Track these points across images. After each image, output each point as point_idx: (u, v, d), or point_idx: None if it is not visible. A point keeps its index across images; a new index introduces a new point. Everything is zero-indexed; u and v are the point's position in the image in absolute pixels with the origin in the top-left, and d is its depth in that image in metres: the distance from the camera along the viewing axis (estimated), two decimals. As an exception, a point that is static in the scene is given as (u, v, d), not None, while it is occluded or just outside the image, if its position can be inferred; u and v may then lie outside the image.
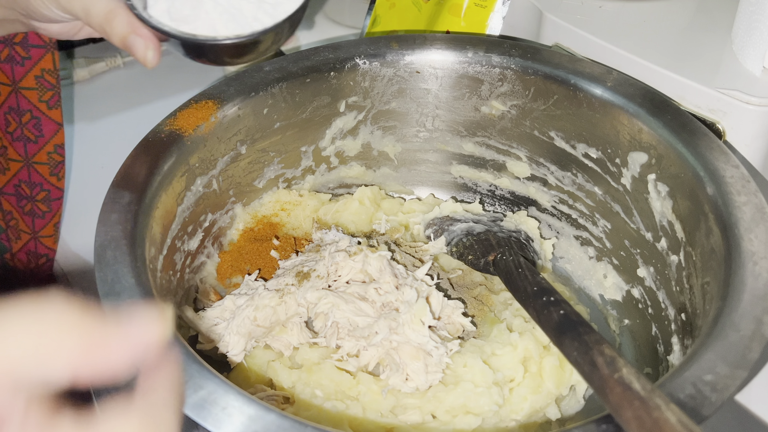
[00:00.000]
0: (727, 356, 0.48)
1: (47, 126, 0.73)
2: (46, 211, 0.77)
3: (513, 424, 0.62)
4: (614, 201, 0.72)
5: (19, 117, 0.72)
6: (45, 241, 0.79)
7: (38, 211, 0.77)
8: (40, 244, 0.79)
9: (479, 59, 0.75)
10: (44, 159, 0.75)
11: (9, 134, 0.73)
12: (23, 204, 0.77)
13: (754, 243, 0.54)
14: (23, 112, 0.72)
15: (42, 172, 0.75)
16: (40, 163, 0.75)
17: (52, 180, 0.76)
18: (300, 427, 0.44)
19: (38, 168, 0.75)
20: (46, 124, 0.73)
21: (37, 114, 0.72)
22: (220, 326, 0.66)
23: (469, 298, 0.73)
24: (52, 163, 0.75)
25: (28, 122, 0.72)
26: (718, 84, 0.71)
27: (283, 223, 0.78)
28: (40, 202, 0.77)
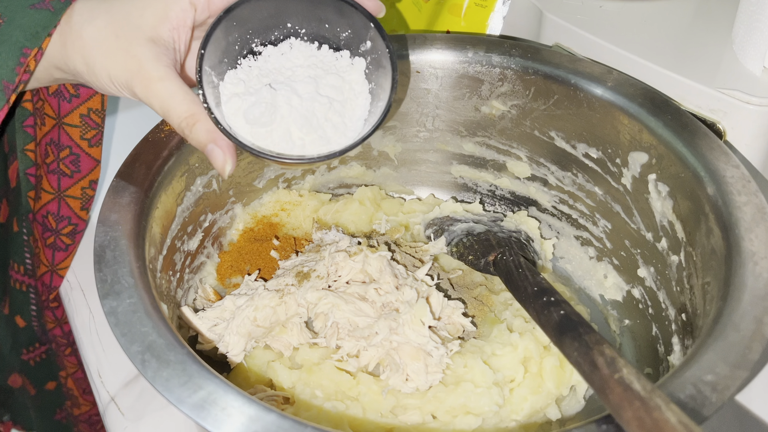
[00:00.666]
0: (728, 356, 0.48)
1: (86, 163, 0.71)
2: (69, 245, 0.77)
3: (513, 425, 0.62)
4: (614, 201, 0.72)
5: (57, 151, 0.71)
6: (61, 272, 0.79)
7: (61, 244, 0.76)
8: (56, 276, 0.79)
9: (479, 59, 0.75)
10: (77, 194, 0.73)
11: (46, 165, 0.72)
12: (47, 236, 0.76)
13: (755, 243, 0.54)
14: (63, 147, 0.70)
15: (73, 206, 0.74)
16: (72, 197, 0.73)
17: (82, 214, 0.75)
18: (300, 427, 0.44)
19: (69, 201, 0.74)
20: (84, 161, 0.71)
21: (76, 151, 0.70)
22: (220, 326, 0.66)
23: (469, 299, 0.73)
24: (84, 197, 0.74)
25: (66, 157, 0.71)
26: (719, 84, 0.71)
27: (283, 223, 0.78)
28: (65, 236, 0.76)
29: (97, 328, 0.75)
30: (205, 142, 0.55)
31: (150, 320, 0.50)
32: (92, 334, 0.75)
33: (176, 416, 0.66)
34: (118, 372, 0.71)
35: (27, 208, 0.77)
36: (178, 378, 0.47)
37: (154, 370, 0.47)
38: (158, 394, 0.47)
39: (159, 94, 0.54)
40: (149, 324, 0.50)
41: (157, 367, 0.47)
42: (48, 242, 0.76)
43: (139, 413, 0.67)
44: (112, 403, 0.69)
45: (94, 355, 0.73)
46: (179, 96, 0.54)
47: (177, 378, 0.47)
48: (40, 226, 0.76)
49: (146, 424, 0.66)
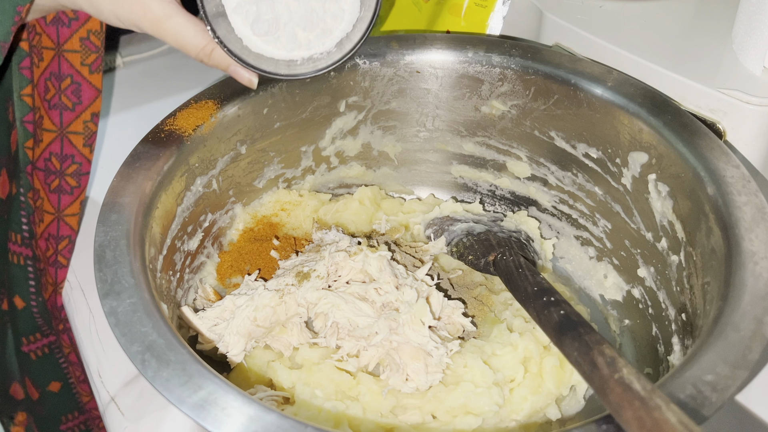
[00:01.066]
0: (728, 356, 0.48)
1: (87, 92, 0.70)
2: (74, 187, 0.75)
3: (513, 425, 0.62)
4: (614, 201, 0.72)
5: (58, 83, 0.70)
6: (69, 221, 0.76)
7: (66, 186, 0.74)
8: (63, 224, 0.76)
9: (479, 59, 0.75)
10: (80, 128, 0.72)
11: (47, 102, 0.71)
12: (51, 180, 0.74)
13: (755, 243, 0.54)
14: (63, 77, 0.70)
15: (75, 143, 0.73)
16: (74, 133, 0.72)
17: (85, 152, 0.74)
18: (300, 427, 0.44)
19: (72, 138, 0.72)
20: (86, 90, 0.70)
21: (78, 79, 0.70)
22: (220, 326, 0.66)
23: (469, 299, 0.73)
24: (87, 132, 0.73)
25: (68, 88, 0.70)
26: (719, 84, 0.71)
27: (283, 223, 0.78)
28: (70, 176, 0.74)
29: (97, 328, 0.75)
30: (226, 65, 0.61)
31: (150, 320, 0.50)
32: (92, 334, 0.75)
33: (176, 416, 0.66)
34: (118, 372, 0.71)
35: (25, 160, 0.75)
36: (178, 378, 0.47)
37: (154, 370, 0.47)
38: (158, 394, 0.47)
39: (170, 32, 0.58)
40: (149, 324, 0.50)
41: (157, 367, 0.47)
42: (53, 187, 0.74)
43: (139, 413, 0.67)
44: (112, 403, 0.69)
45: (94, 355, 0.73)
46: (190, 31, 0.58)
47: (177, 378, 0.47)
48: (43, 173, 0.74)
49: (146, 424, 0.66)
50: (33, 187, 0.76)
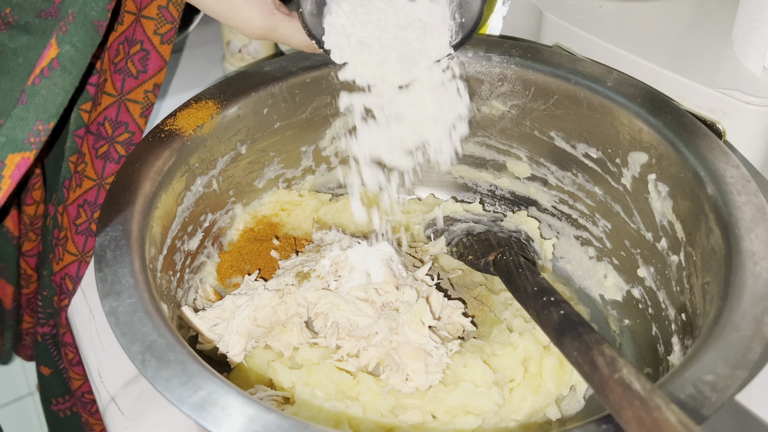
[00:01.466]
0: (728, 356, 0.48)
1: (154, 61, 0.70)
2: (122, 155, 0.73)
3: (513, 424, 0.62)
4: (614, 201, 0.72)
5: (129, 47, 0.70)
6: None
7: (114, 154, 0.73)
8: (104, 191, 0.75)
9: (479, 59, 0.75)
10: (139, 97, 0.71)
11: (113, 64, 0.70)
12: (99, 145, 0.73)
13: (755, 243, 0.54)
14: (134, 43, 0.69)
15: (132, 111, 0.72)
16: (133, 101, 0.71)
17: (140, 122, 0.73)
18: (300, 427, 0.44)
19: (129, 106, 0.71)
20: (153, 60, 0.70)
21: (147, 46, 0.69)
22: (220, 326, 0.66)
23: (469, 298, 0.73)
24: (146, 102, 0.72)
25: (136, 54, 0.69)
26: (719, 84, 0.71)
27: (283, 223, 0.78)
28: (120, 144, 0.73)
29: (97, 328, 0.75)
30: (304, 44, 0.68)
31: (150, 320, 0.50)
32: (92, 334, 0.75)
33: (176, 416, 0.66)
34: (118, 372, 0.71)
35: (78, 123, 0.75)
36: (178, 378, 0.47)
37: (154, 370, 0.47)
38: (158, 394, 0.47)
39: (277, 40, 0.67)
40: (149, 324, 0.50)
41: (157, 367, 0.48)
42: (100, 152, 0.73)
43: (139, 413, 0.67)
44: (112, 403, 0.69)
45: (94, 355, 0.73)
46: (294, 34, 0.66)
47: (177, 378, 0.47)
48: (93, 137, 0.73)
49: (146, 424, 0.66)
50: (80, 150, 0.75)
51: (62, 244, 0.77)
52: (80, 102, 0.74)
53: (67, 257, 0.77)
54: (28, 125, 0.54)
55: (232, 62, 1.03)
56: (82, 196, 0.75)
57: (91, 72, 0.73)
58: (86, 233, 0.76)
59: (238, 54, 1.02)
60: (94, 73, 0.73)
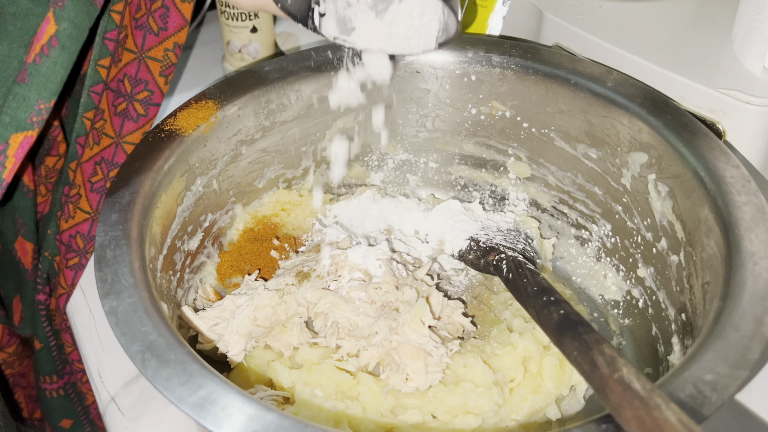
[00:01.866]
0: (728, 356, 0.48)
1: (174, 19, 0.69)
2: (141, 115, 0.72)
3: (513, 424, 0.62)
4: (614, 201, 0.72)
5: (150, 3, 0.69)
6: (128, 148, 0.74)
7: (133, 112, 0.72)
8: (121, 150, 0.73)
9: (479, 59, 0.75)
10: (159, 55, 0.70)
11: (135, 20, 0.69)
12: (118, 102, 0.72)
13: (755, 243, 0.54)
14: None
15: (152, 69, 0.71)
16: (153, 59, 0.70)
17: (160, 81, 0.72)
18: (300, 426, 0.44)
19: (150, 64, 0.70)
20: (173, 17, 0.69)
21: (168, 3, 0.68)
22: (221, 326, 0.66)
23: (469, 299, 0.73)
24: (166, 61, 0.71)
25: (157, 11, 0.68)
26: (719, 84, 0.71)
27: (283, 223, 0.78)
28: (139, 103, 0.72)
29: (97, 328, 0.75)
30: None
31: (150, 320, 0.50)
32: (92, 333, 0.75)
33: (176, 416, 0.66)
34: (118, 372, 0.71)
35: (96, 79, 0.73)
36: (178, 377, 0.47)
37: (155, 370, 0.47)
38: (158, 394, 0.47)
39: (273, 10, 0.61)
40: (149, 323, 0.50)
41: (157, 367, 0.48)
42: (119, 109, 0.72)
43: (139, 413, 0.67)
44: (112, 403, 0.69)
45: (94, 354, 0.74)
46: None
47: (177, 377, 0.47)
48: (113, 93, 0.72)
49: (146, 424, 0.66)
50: (97, 107, 0.74)
51: (74, 201, 0.75)
52: (97, 57, 0.73)
53: (79, 215, 0.75)
54: (30, 105, 0.54)
55: (232, 62, 1.03)
56: (100, 153, 0.74)
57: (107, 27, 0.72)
58: (101, 191, 0.75)
59: (238, 54, 1.02)
60: (113, 28, 0.71)
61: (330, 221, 0.79)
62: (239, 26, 0.99)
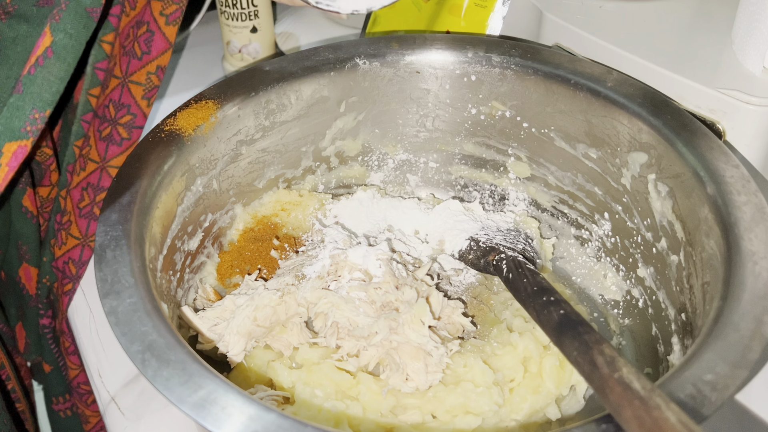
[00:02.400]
0: (728, 356, 0.48)
1: (158, 43, 0.69)
2: (124, 138, 0.73)
3: (513, 424, 0.62)
4: (614, 201, 0.72)
5: (137, 29, 0.69)
6: (112, 172, 0.74)
7: (116, 136, 0.73)
8: (106, 174, 0.74)
9: (479, 59, 0.75)
10: (142, 79, 0.71)
11: (123, 47, 0.70)
12: (103, 128, 0.73)
13: (754, 243, 0.54)
14: (142, 24, 0.69)
15: (134, 93, 0.71)
16: (135, 83, 0.71)
17: (142, 104, 0.72)
18: (300, 426, 0.44)
19: (132, 88, 0.71)
20: (157, 41, 0.69)
21: (153, 27, 0.69)
22: (221, 326, 0.66)
23: (469, 298, 0.73)
24: (148, 84, 0.71)
25: (142, 35, 0.69)
26: (718, 84, 0.71)
27: (283, 223, 0.78)
28: (122, 126, 0.72)
29: (97, 328, 0.75)
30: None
31: (150, 320, 0.50)
32: (92, 333, 0.75)
33: (176, 416, 0.66)
34: (118, 372, 0.71)
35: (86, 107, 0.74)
36: (178, 377, 0.47)
37: (155, 370, 0.47)
38: (158, 394, 0.47)
39: None
40: (149, 323, 0.50)
41: (157, 367, 0.48)
42: (103, 134, 0.73)
43: (139, 413, 0.67)
44: (112, 403, 0.69)
45: (94, 355, 0.74)
46: None
47: (177, 377, 0.47)
48: (98, 120, 0.73)
49: (146, 424, 0.67)
50: (86, 134, 0.75)
51: (65, 228, 0.77)
52: (88, 86, 0.73)
53: (70, 241, 0.76)
54: (24, 114, 0.54)
55: (232, 62, 1.03)
56: (86, 179, 0.75)
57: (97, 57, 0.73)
58: (89, 216, 0.76)
59: (238, 54, 1.02)
60: (104, 58, 0.72)
61: (330, 221, 0.79)
62: (239, 26, 0.99)
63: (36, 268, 0.85)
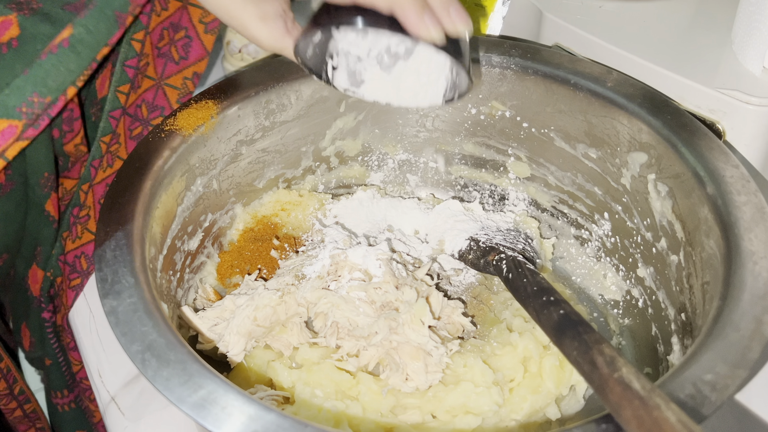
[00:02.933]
0: (727, 356, 0.48)
1: (195, 50, 0.70)
2: None
3: (513, 424, 0.62)
4: (614, 201, 0.72)
5: (174, 33, 0.70)
6: None
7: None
8: None
9: (479, 59, 0.75)
10: (177, 83, 0.72)
11: (157, 49, 0.70)
12: (134, 127, 0.73)
13: (754, 243, 0.54)
14: (180, 29, 0.70)
15: (170, 96, 0.72)
16: (171, 86, 0.72)
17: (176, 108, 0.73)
18: (300, 426, 0.44)
19: (167, 91, 0.72)
20: (195, 48, 0.70)
21: (191, 33, 0.69)
22: (221, 326, 0.66)
23: (469, 298, 0.73)
24: (183, 89, 0.72)
25: (180, 40, 0.70)
26: (718, 84, 0.71)
27: (283, 223, 0.78)
28: None
29: (97, 328, 0.75)
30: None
31: (150, 320, 0.51)
32: (92, 333, 0.75)
33: (176, 416, 0.66)
34: (118, 372, 0.71)
35: (115, 104, 0.74)
36: (178, 377, 0.47)
37: (155, 370, 0.47)
38: (158, 394, 0.47)
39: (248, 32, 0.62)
40: (149, 323, 0.50)
41: (158, 367, 0.48)
42: (134, 134, 0.73)
43: (139, 413, 0.67)
44: (112, 403, 0.69)
45: (94, 354, 0.74)
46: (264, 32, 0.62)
47: (177, 377, 0.47)
48: (130, 118, 0.73)
49: (146, 424, 0.67)
50: (114, 131, 0.75)
51: (82, 222, 0.76)
52: (117, 83, 0.74)
53: (86, 236, 0.76)
54: (23, 94, 0.54)
55: (232, 62, 1.03)
56: (112, 176, 0.75)
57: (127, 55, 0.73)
58: None
59: (238, 54, 1.02)
60: (134, 56, 0.73)
61: (330, 221, 0.79)
62: (239, 26, 0.99)
63: (43, 271, 0.85)
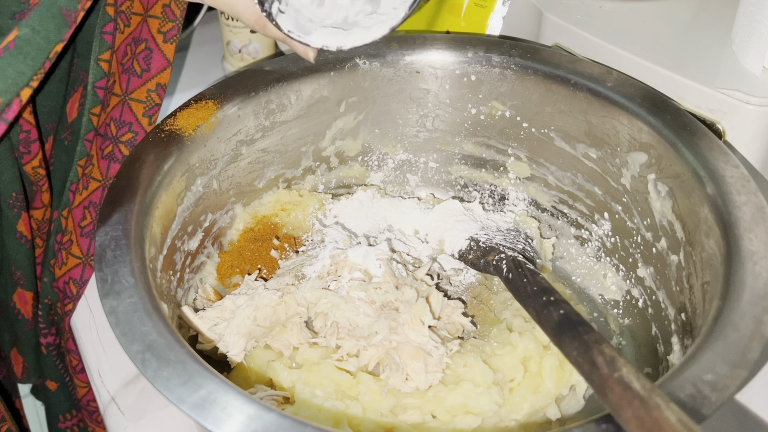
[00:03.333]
0: (727, 356, 0.48)
1: (157, 61, 0.70)
2: (126, 156, 0.72)
3: (513, 424, 0.62)
4: (614, 201, 0.72)
5: (135, 47, 0.70)
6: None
7: (118, 154, 0.73)
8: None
9: (479, 59, 0.75)
10: (142, 96, 0.71)
11: (121, 65, 0.70)
12: (105, 146, 0.73)
13: (754, 243, 0.54)
14: (140, 42, 0.69)
15: (135, 111, 0.71)
16: (136, 101, 0.71)
17: (144, 122, 0.72)
18: (300, 426, 0.44)
19: (132, 105, 0.71)
20: (156, 59, 0.70)
21: (151, 45, 0.69)
22: (221, 326, 0.66)
23: (469, 298, 0.73)
24: (149, 102, 0.71)
25: (141, 53, 0.69)
26: (718, 84, 0.71)
27: (283, 223, 0.78)
28: (123, 144, 0.72)
29: (97, 328, 0.75)
30: (282, 36, 0.61)
31: (150, 320, 0.50)
32: (92, 333, 0.75)
33: (176, 416, 0.66)
34: (118, 372, 0.71)
35: (88, 127, 0.74)
36: (178, 377, 0.47)
37: (155, 370, 0.47)
38: (158, 394, 0.47)
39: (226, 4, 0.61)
40: (149, 323, 0.50)
41: (158, 367, 0.48)
42: (105, 152, 0.73)
43: (139, 413, 0.67)
44: (112, 403, 0.69)
45: (94, 355, 0.74)
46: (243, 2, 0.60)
47: (177, 377, 0.47)
48: (100, 138, 0.73)
49: (146, 424, 0.67)
50: (88, 153, 0.75)
51: (66, 248, 0.77)
52: (89, 106, 0.73)
53: (71, 261, 0.77)
54: None
55: (232, 62, 1.03)
56: (88, 197, 0.75)
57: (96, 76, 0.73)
58: (90, 235, 0.76)
59: (238, 54, 1.02)
60: (102, 77, 0.73)
61: (330, 221, 0.79)
62: (239, 26, 0.99)
63: (31, 292, 0.84)
